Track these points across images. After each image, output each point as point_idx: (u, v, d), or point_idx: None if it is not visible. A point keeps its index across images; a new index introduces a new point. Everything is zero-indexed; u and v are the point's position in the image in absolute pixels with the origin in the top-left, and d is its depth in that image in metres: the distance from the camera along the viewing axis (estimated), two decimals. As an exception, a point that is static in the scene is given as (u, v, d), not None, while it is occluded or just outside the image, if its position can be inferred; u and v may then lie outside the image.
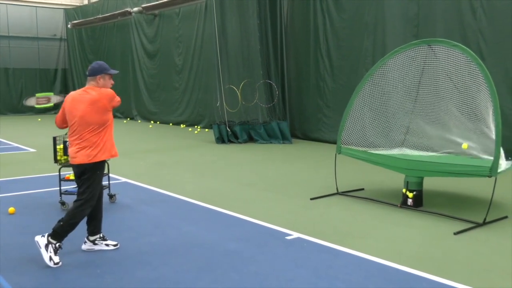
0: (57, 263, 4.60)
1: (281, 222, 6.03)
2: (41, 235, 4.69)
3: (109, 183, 7.10)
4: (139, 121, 21.12)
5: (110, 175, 7.20)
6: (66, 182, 7.17)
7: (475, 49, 10.09)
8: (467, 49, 6.39)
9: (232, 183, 8.47)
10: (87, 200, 4.82)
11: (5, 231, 5.73)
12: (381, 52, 11.63)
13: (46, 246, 4.63)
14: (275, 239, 5.41)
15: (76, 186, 7.22)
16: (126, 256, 4.93)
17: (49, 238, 4.66)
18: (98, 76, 4.90)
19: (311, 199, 7.22)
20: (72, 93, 5.00)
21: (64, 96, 5.22)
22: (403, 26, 11.77)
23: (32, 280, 4.33)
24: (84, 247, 5.08)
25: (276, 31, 14.15)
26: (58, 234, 4.69)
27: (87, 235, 5.09)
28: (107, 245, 5.11)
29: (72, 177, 7.08)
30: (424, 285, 4.17)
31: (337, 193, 7.49)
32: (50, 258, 4.59)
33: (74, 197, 6.93)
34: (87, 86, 4.94)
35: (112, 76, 5.03)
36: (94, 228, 5.08)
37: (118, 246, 5.13)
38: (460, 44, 6.48)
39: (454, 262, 4.72)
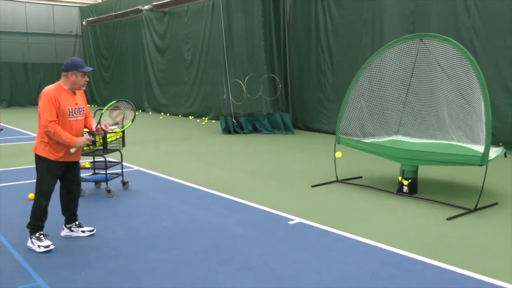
0: (47, 246, 4.55)
1: (284, 207, 6.04)
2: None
3: (122, 171, 7.12)
4: (150, 113, 21.13)
5: (123, 163, 7.21)
6: (82, 170, 7.17)
7: (469, 46, 10.03)
8: (458, 43, 6.35)
9: (238, 171, 8.48)
10: (38, 192, 4.72)
11: (25, 215, 5.73)
12: (379, 48, 11.53)
13: (31, 243, 4.63)
14: (278, 224, 5.42)
15: (91, 174, 7.30)
16: (138, 239, 4.96)
17: (30, 237, 4.66)
18: (70, 73, 4.70)
19: (312, 186, 7.23)
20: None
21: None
22: (400, 24, 11.70)
23: (50, 260, 4.36)
24: (62, 233, 5.01)
25: (280, 28, 14.11)
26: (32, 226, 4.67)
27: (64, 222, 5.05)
28: (83, 231, 5.01)
29: (88, 165, 7.12)
30: (419, 267, 4.18)
31: (337, 181, 7.49)
32: (39, 246, 4.56)
33: (90, 184, 7.04)
34: (59, 81, 4.79)
35: (87, 74, 4.78)
36: (70, 218, 5.03)
37: (94, 232, 5.03)
38: (451, 39, 6.43)
39: (447, 246, 4.72)
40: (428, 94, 6.98)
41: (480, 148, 6.11)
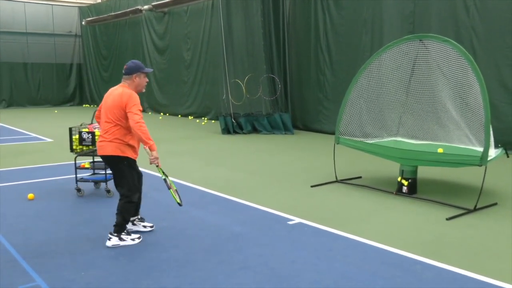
0: (139, 237, 4.78)
1: (284, 207, 6.05)
2: (108, 240, 4.73)
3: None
4: (150, 113, 21.12)
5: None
6: (81, 170, 7.20)
7: (468, 46, 10.04)
8: (457, 44, 6.35)
9: (237, 171, 8.49)
10: (124, 194, 4.77)
11: (25, 215, 5.76)
12: (379, 48, 11.46)
13: (121, 239, 4.72)
14: (278, 224, 5.42)
15: (91, 174, 7.30)
16: (138, 239, 4.96)
17: (117, 235, 4.73)
18: (134, 75, 4.75)
19: (311, 186, 7.23)
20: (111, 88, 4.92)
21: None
22: (399, 23, 11.71)
23: (50, 260, 4.36)
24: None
25: (279, 28, 14.11)
26: (121, 226, 4.76)
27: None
28: (144, 226, 5.14)
29: (87, 165, 7.13)
30: (418, 267, 4.19)
31: (336, 181, 7.50)
32: (132, 239, 4.74)
33: (90, 184, 7.04)
34: (121, 83, 4.81)
35: (147, 75, 4.88)
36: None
37: (153, 228, 5.16)
38: (450, 40, 6.44)
39: (446, 246, 4.72)
40: (428, 95, 6.99)
41: (479, 149, 6.12)
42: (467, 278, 3.96)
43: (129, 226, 5.07)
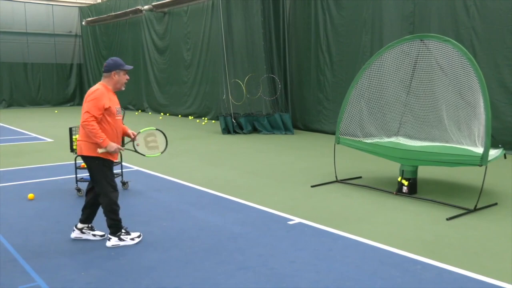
0: (139, 236, 4.79)
1: (284, 208, 6.05)
2: (107, 240, 4.74)
3: (121, 171, 7.13)
4: (150, 113, 21.12)
5: (123, 163, 7.21)
6: (81, 170, 7.18)
7: (468, 46, 10.04)
8: (458, 44, 6.36)
9: (237, 171, 8.49)
10: (101, 194, 4.73)
11: (25, 215, 5.77)
12: (379, 48, 11.54)
13: (120, 239, 4.72)
14: (277, 224, 5.42)
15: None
16: (138, 239, 4.96)
17: (115, 236, 4.74)
18: (113, 72, 4.72)
19: (311, 186, 7.23)
20: None
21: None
22: (399, 24, 11.71)
23: (50, 260, 4.36)
24: (72, 235, 4.94)
25: (279, 28, 14.10)
26: (114, 227, 4.75)
27: (76, 223, 4.98)
28: (94, 235, 4.94)
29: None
30: (418, 267, 4.18)
31: (336, 181, 7.49)
32: (132, 239, 4.75)
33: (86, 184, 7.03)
34: (100, 81, 4.80)
35: (127, 72, 4.84)
36: (86, 217, 4.94)
37: (105, 236, 4.93)
38: (451, 39, 6.44)
39: (446, 246, 4.72)
40: (429, 95, 6.98)
41: (479, 149, 6.12)
42: (467, 278, 3.96)
43: (77, 234, 4.90)
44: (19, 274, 4.06)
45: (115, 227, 4.76)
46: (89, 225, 4.97)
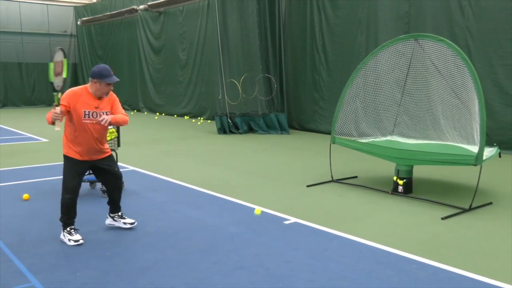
0: (77, 241, 4.77)
1: (279, 207, 6.05)
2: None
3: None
4: (145, 113, 21.08)
5: (119, 163, 7.19)
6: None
7: (463, 46, 10.07)
8: (452, 43, 6.37)
9: (233, 171, 8.48)
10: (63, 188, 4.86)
11: (20, 215, 5.74)
12: (374, 48, 11.50)
13: (64, 235, 4.85)
14: (273, 224, 5.42)
15: (86, 174, 7.27)
16: (134, 238, 4.95)
17: (63, 229, 4.90)
18: (94, 80, 4.74)
19: (307, 186, 7.24)
20: None
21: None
22: (394, 23, 11.74)
23: (45, 261, 4.34)
24: (106, 221, 5.32)
25: (275, 28, 14.10)
26: (62, 222, 4.91)
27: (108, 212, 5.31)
28: (124, 223, 5.24)
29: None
30: (413, 266, 4.19)
31: (332, 181, 7.50)
32: (69, 240, 4.78)
33: (85, 184, 7.01)
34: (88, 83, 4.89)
35: (111, 84, 4.77)
36: (111, 209, 5.28)
37: (135, 224, 5.25)
38: (445, 39, 6.46)
39: (441, 245, 4.74)
40: (423, 94, 7.01)
41: (474, 148, 6.14)
42: (462, 277, 3.97)
43: (110, 221, 5.25)
44: (14, 274, 4.04)
45: (63, 222, 4.88)
46: (119, 213, 5.25)
